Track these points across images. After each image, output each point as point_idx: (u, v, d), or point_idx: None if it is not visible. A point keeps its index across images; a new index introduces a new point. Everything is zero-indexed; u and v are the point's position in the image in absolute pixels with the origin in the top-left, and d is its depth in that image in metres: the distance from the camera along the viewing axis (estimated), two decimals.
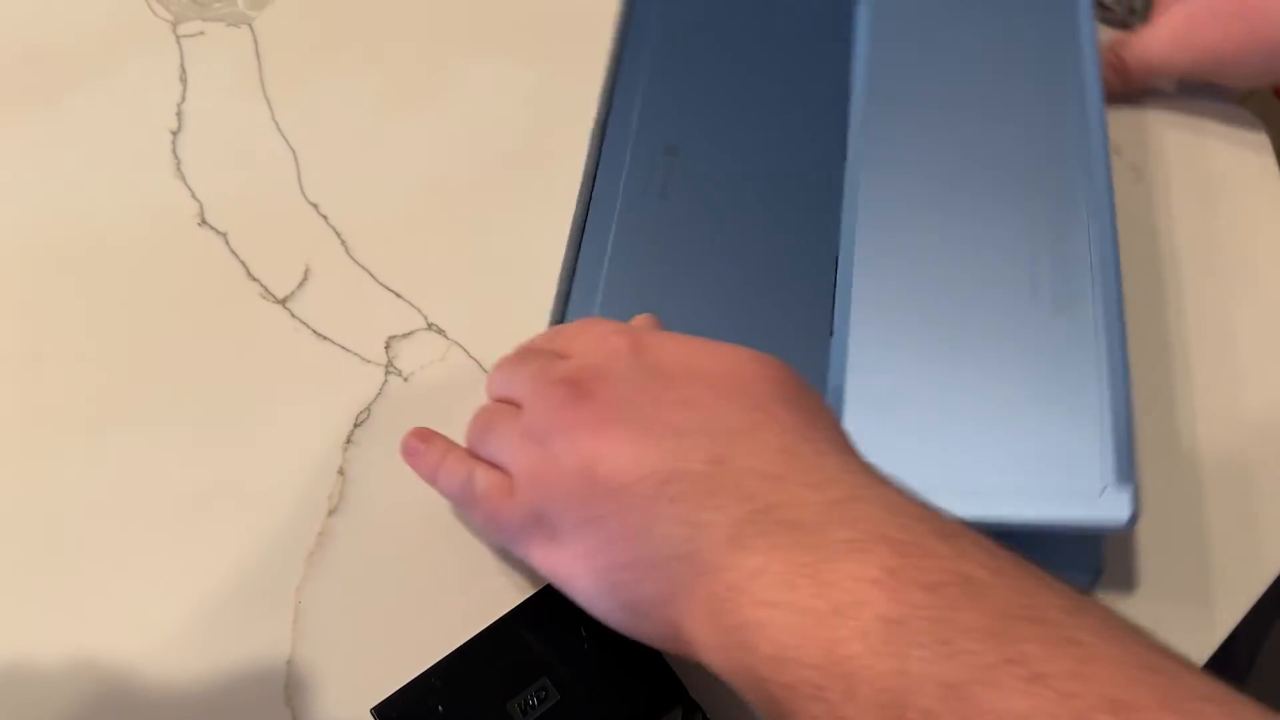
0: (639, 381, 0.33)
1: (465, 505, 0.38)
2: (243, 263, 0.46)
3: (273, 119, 0.50)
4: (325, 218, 0.48)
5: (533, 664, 0.35)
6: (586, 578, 0.32)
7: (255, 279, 0.46)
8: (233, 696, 0.37)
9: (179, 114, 0.50)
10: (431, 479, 0.39)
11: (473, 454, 0.38)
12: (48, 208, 0.47)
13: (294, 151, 0.49)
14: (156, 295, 0.45)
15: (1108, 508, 0.35)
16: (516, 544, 0.35)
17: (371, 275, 0.46)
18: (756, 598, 0.27)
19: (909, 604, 0.25)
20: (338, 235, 0.47)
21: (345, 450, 0.42)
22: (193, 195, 0.48)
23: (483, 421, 0.38)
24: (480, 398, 0.43)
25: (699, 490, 0.29)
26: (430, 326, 0.45)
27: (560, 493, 0.32)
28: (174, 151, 0.49)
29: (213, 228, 0.47)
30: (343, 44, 0.53)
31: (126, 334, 0.44)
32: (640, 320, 0.39)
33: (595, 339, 0.35)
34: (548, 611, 0.37)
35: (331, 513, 0.41)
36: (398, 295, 0.46)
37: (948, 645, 0.24)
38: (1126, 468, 0.36)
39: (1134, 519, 0.35)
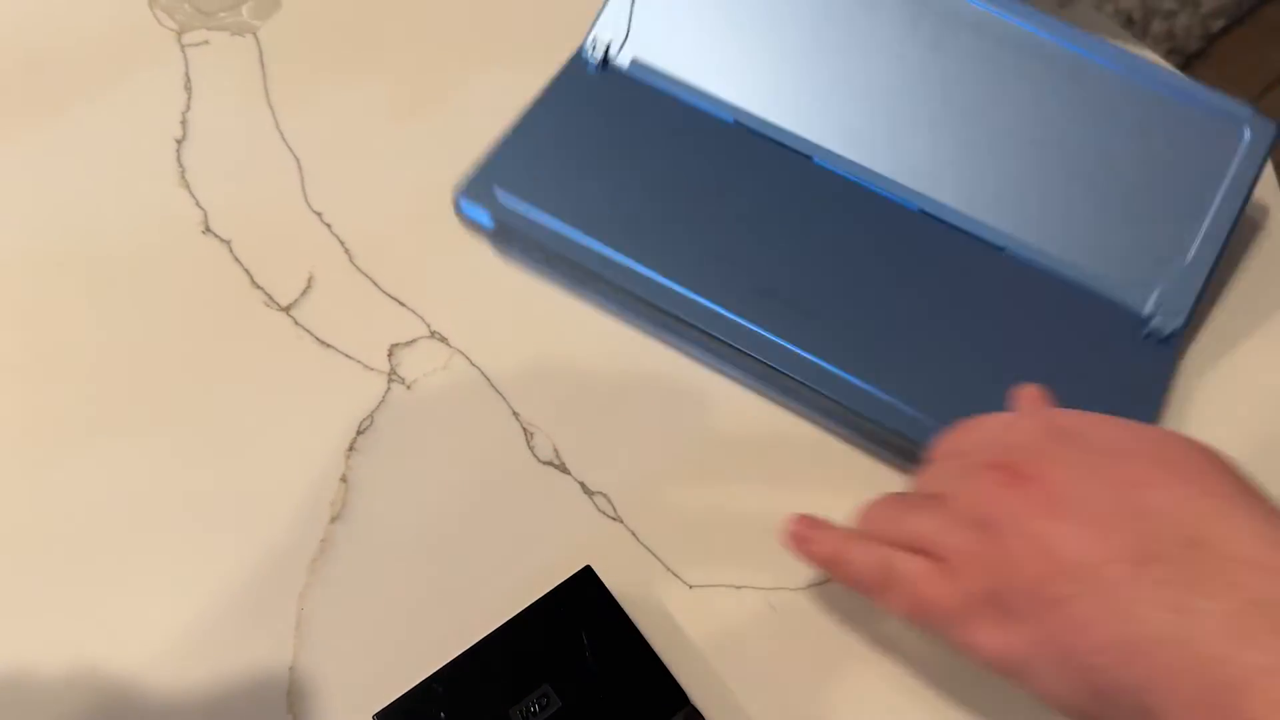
0: (1078, 461, 0.32)
1: (882, 590, 0.34)
2: (246, 270, 0.46)
3: (277, 128, 0.50)
4: (329, 226, 0.48)
5: (535, 671, 0.36)
6: (1048, 662, 0.30)
7: (259, 287, 0.46)
8: (235, 703, 0.37)
9: (183, 122, 0.50)
10: (832, 562, 0.36)
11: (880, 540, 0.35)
12: (53, 215, 0.48)
13: (298, 160, 0.50)
14: (160, 303, 0.46)
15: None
16: (955, 628, 0.33)
17: (374, 283, 0.46)
18: (1270, 697, 0.26)
19: None
20: (341, 243, 0.47)
21: (348, 457, 0.42)
22: (197, 203, 0.48)
23: (890, 508, 0.36)
24: (481, 403, 0.44)
25: (1183, 575, 0.28)
26: (433, 334, 0.45)
27: (1014, 574, 0.31)
28: (178, 160, 0.49)
29: (217, 236, 0.47)
30: (347, 53, 0.53)
31: (130, 341, 0.45)
32: (1030, 392, 0.38)
33: (1003, 425, 0.34)
34: (550, 618, 0.37)
35: (334, 520, 0.41)
36: (401, 303, 0.46)
37: None
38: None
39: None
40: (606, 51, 0.49)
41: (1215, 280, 0.46)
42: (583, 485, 0.42)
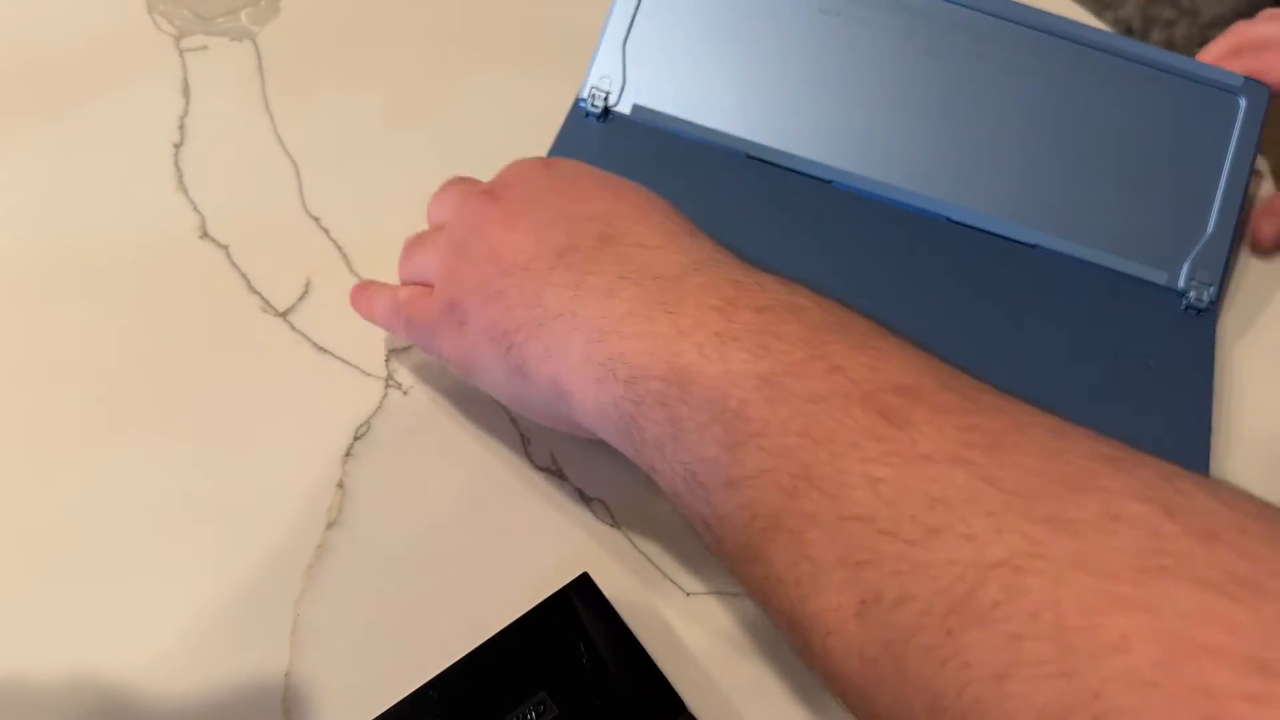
0: (545, 184, 0.37)
1: (395, 324, 0.40)
2: (244, 275, 0.46)
3: (275, 132, 0.50)
4: (326, 231, 0.48)
5: (531, 678, 0.35)
6: (486, 350, 0.35)
7: (256, 291, 0.46)
8: (231, 709, 0.37)
9: (181, 127, 0.50)
10: (370, 314, 0.42)
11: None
12: (50, 220, 0.47)
13: (296, 165, 0.49)
14: (157, 307, 0.45)
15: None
16: (432, 340, 0.38)
17: None
18: (621, 332, 0.32)
19: (739, 322, 0.30)
20: (339, 249, 0.47)
21: (345, 463, 0.42)
22: (194, 208, 0.48)
23: (409, 246, 0.41)
24: (478, 409, 0.43)
25: (587, 260, 0.33)
26: None
27: (470, 279, 0.36)
28: (176, 164, 0.49)
29: (214, 240, 0.47)
30: (345, 58, 0.53)
31: (126, 346, 0.44)
32: None
33: (514, 164, 0.39)
34: (547, 625, 0.37)
35: (330, 525, 0.41)
36: None
37: (765, 349, 0.29)
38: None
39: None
40: (606, 100, 0.48)
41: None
42: (580, 492, 0.42)
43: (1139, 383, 0.45)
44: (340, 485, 0.42)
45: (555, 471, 0.42)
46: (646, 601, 0.40)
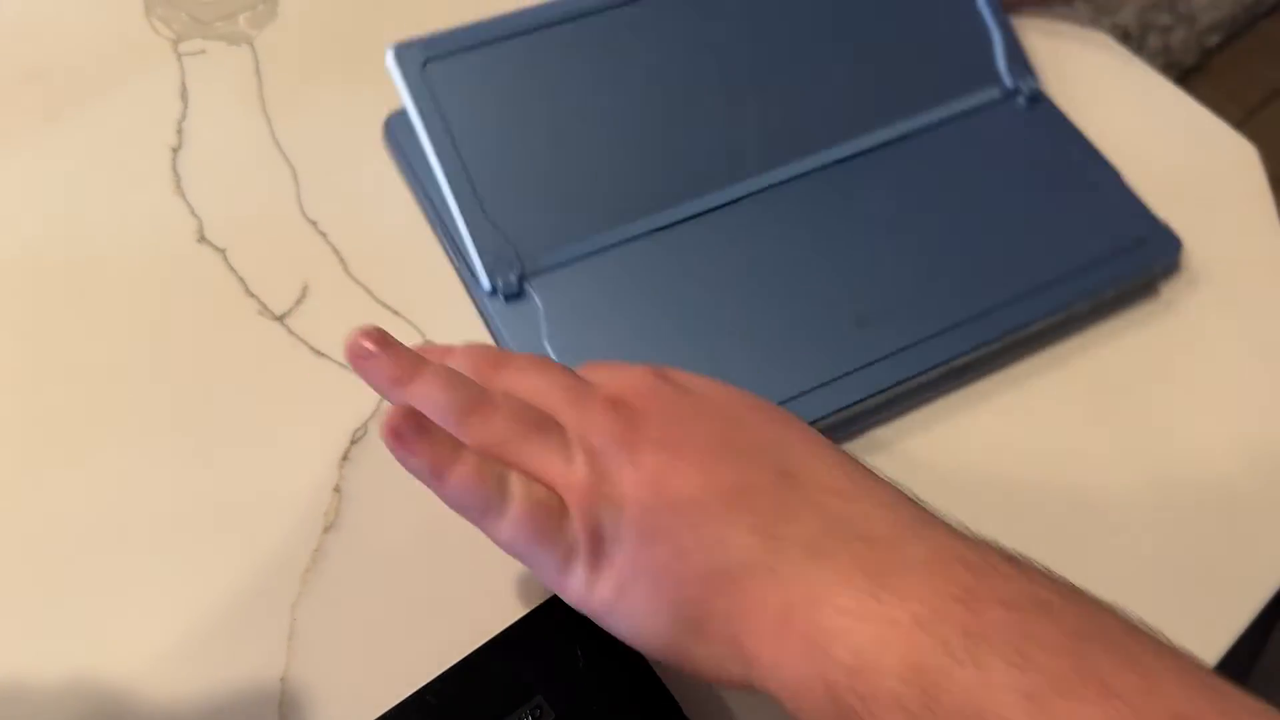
0: (686, 405, 0.33)
1: (489, 515, 0.32)
2: (241, 279, 0.46)
3: (272, 136, 0.50)
4: (324, 235, 0.48)
5: (528, 682, 0.35)
6: (643, 595, 0.31)
7: (253, 295, 0.46)
8: (227, 713, 0.37)
9: (179, 131, 0.50)
10: (437, 476, 0.32)
11: (493, 455, 0.33)
12: (47, 223, 0.47)
13: (293, 169, 0.50)
14: (153, 311, 0.45)
15: None
16: (557, 564, 0.32)
17: (369, 293, 0.46)
18: (837, 605, 0.28)
19: (988, 619, 0.27)
20: (336, 252, 0.47)
21: (341, 467, 0.42)
22: (192, 212, 0.48)
23: (508, 421, 0.33)
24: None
25: (773, 503, 0.30)
26: (428, 343, 0.45)
27: (624, 508, 0.31)
28: (174, 168, 0.49)
29: (211, 244, 0.47)
30: (343, 62, 0.53)
31: (123, 350, 0.44)
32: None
33: (614, 369, 0.35)
34: (543, 629, 0.37)
35: (327, 530, 0.41)
36: (396, 313, 0.46)
37: (1025, 659, 0.26)
38: None
39: None
40: (517, 278, 0.44)
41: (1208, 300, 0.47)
42: None
43: (1044, 180, 0.50)
44: (337, 489, 0.42)
45: None
46: None
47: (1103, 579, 0.33)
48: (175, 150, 0.50)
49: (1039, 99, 0.53)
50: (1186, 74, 1.50)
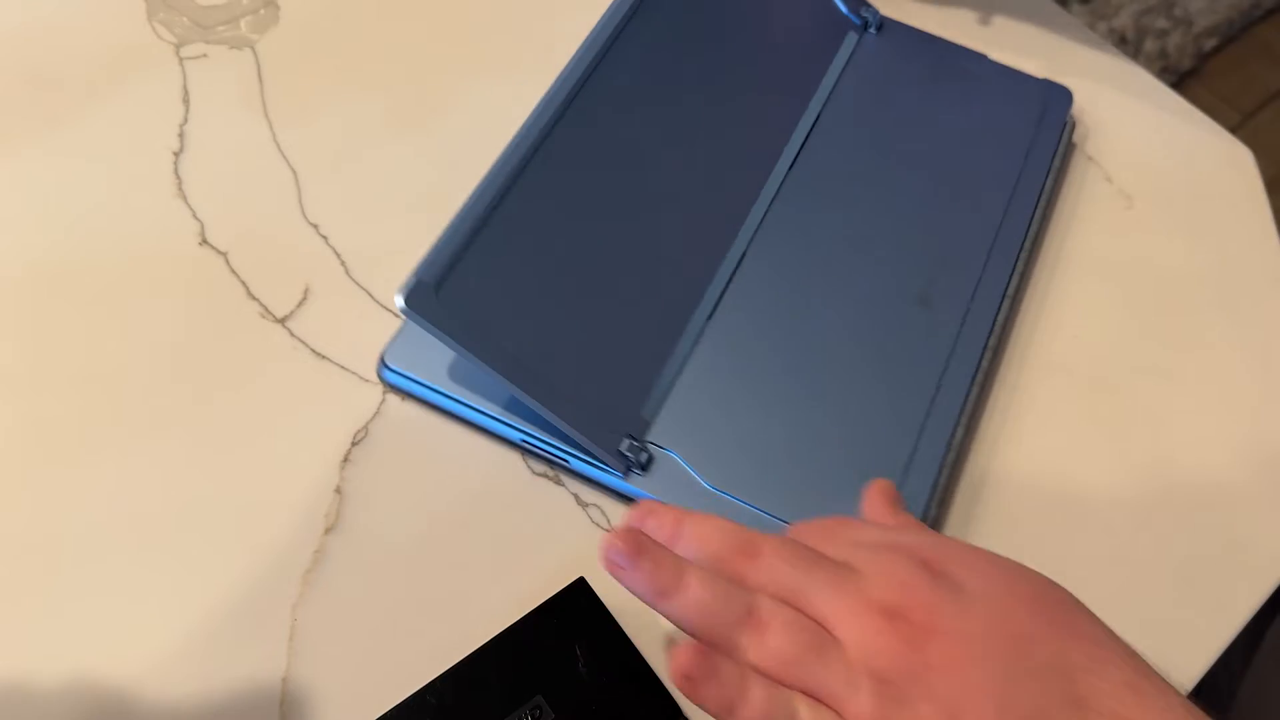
0: (971, 620, 0.31)
1: None
2: (243, 282, 0.47)
3: (274, 140, 0.51)
4: (325, 238, 0.48)
5: (528, 682, 0.36)
6: None
7: (255, 298, 0.46)
8: (229, 713, 0.37)
9: (181, 135, 0.51)
10: (729, 711, 0.31)
11: (767, 674, 0.32)
12: (50, 227, 0.48)
13: (295, 172, 0.50)
14: (156, 314, 0.46)
15: None
16: None
17: (370, 295, 0.47)
18: None
19: None
20: (337, 255, 0.48)
21: (342, 469, 0.42)
22: (194, 215, 0.48)
23: (778, 642, 0.32)
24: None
25: None
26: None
27: None
28: (176, 172, 0.49)
29: (213, 247, 0.47)
30: (344, 66, 0.54)
31: (125, 352, 0.45)
32: (883, 510, 0.37)
33: (873, 555, 0.33)
34: (543, 630, 0.37)
35: (328, 531, 0.41)
36: (396, 315, 0.46)
37: None
38: None
39: None
40: (642, 453, 0.41)
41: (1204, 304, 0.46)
42: (576, 497, 0.42)
43: (943, 94, 0.53)
44: (338, 490, 0.42)
45: (552, 477, 0.43)
46: (643, 606, 0.40)
47: (1100, 579, 0.33)
48: (177, 154, 0.50)
49: (883, 23, 0.56)
50: (1183, 78, 1.51)
